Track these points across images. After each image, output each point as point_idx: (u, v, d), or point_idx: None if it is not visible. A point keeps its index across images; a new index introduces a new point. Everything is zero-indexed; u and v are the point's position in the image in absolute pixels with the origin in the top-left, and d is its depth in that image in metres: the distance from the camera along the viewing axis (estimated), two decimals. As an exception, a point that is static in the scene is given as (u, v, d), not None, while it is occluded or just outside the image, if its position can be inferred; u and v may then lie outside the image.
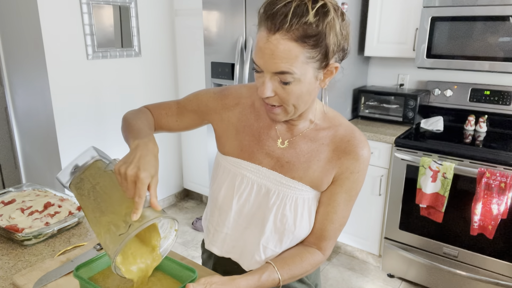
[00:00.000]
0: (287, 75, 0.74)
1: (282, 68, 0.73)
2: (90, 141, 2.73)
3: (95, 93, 2.71)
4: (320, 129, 0.90)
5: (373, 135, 2.31)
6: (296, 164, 0.89)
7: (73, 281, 0.92)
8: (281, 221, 0.91)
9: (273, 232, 0.92)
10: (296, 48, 0.71)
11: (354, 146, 0.88)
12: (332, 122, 0.91)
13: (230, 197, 0.95)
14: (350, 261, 2.64)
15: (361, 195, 2.45)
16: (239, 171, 0.94)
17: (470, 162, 1.99)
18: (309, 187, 0.90)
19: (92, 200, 0.79)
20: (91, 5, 2.55)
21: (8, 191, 1.36)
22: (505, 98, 2.30)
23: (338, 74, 0.84)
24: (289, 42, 0.71)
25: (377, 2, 2.43)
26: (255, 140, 0.93)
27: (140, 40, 2.92)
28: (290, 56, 0.72)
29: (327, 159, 0.89)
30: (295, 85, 0.76)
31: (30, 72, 2.56)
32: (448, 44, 2.17)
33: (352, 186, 0.90)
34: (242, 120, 0.95)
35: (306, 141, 0.90)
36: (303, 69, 0.74)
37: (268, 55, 0.73)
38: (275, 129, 0.92)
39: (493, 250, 2.02)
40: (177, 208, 3.43)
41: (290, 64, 0.72)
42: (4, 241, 1.14)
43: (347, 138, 0.88)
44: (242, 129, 0.94)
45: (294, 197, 0.90)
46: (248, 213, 0.94)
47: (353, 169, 0.88)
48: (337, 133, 0.90)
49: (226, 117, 0.96)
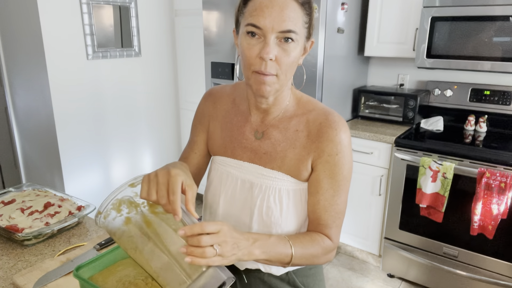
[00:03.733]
0: (292, 34, 0.77)
1: (290, 26, 0.76)
2: (90, 141, 2.73)
3: (95, 93, 2.71)
4: (293, 116, 0.89)
5: (373, 135, 2.31)
6: (273, 154, 0.89)
7: (73, 281, 0.92)
8: (266, 214, 0.90)
9: (260, 226, 0.91)
10: (300, 10, 0.78)
11: (326, 127, 0.86)
12: (306, 108, 0.90)
13: (218, 196, 0.96)
14: (350, 261, 2.64)
15: (361, 195, 2.45)
16: (225, 169, 0.95)
17: (470, 162, 1.99)
18: (289, 177, 0.89)
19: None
20: (91, 5, 2.55)
21: (8, 191, 1.36)
22: (505, 98, 2.30)
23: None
24: (295, 3, 0.77)
25: (377, 2, 2.43)
26: (235, 135, 0.94)
27: (140, 40, 2.92)
28: (296, 16, 0.77)
29: (302, 145, 0.87)
30: (294, 47, 0.79)
31: (30, 72, 2.56)
32: (448, 44, 2.17)
33: (334, 169, 0.86)
34: (225, 117, 0.97)
35: (280, 130, 0.89)
36: (302, 32, 0.80)
37: (276, 12, 0.75)
38: (250, 122, 0.93)
39: (493, 250, 2.02)
40: (177, 208, 3.43)
41: (295, 24, 0.77)
42: (4, 241, 1.14)
43: (318, 121, 0.87)
44: (225, 126, 0.96)
45: (277, 188, 0.89)
46: (236, 210, 0.94)
47: (330, 151, 0.85)
48: (309, 118, 0.88)
49: (216, 117, 0.99)
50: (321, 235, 0.89)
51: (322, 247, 0.88)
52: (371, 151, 2.35)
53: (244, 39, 0.79)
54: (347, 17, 2.40)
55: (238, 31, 0.84)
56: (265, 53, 0.76)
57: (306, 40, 0.83)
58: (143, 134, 3.10)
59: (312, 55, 2.22)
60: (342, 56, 2.47)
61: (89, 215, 1.29)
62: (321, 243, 0.88)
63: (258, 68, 0.78)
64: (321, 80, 2.28)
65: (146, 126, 3.09)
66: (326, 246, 0.89)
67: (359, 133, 2.36)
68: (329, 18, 2.22)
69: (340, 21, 2.35)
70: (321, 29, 2.18)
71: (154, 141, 3.19)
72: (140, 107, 3.04)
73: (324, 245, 0.88)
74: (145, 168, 3.18)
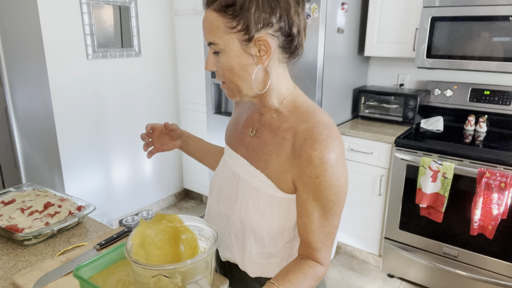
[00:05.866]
0: (213, 46, 0.80)
1: (209, 38, 0.79)
2: (90, 141, 2.73)
3: (95, 93, 2.71)
4: (284, 121, 0.85)
5: (373, 135, 2.31)
6: (259, 154, 0.88)
7: (73, 281, 0.92)
8: (244, 210, 0.89)
9: (237, 221, 0.91)
10: (218, 19, 0.77)
11: (307, 146, 0.78)
12: (300, 118, 0.83)
13: (214, 180, 1.01)
14: (350, 261, 2.64)
15: (361, 195, 2.45)
16: (225, 157, 1.00)
17: (470, 162, 1.99)
18: (270, 181, 0.85)
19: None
20: (91, 5, 2.55)
21: (8, 191, 1.36)
22: (505, 98, 2.30)
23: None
24: (213, 13, 0.78)
25: (377, 2, 2.43)
26: (235, 128, 0.99)
27: (140, 40, 2.92)
28: (213, 27, 0.78)
29: (286, 156, 0.82)
30: (222, 56, 0.80)
31: (30, 72, 2.56)
32: (448, 44, 2.17)
33: (318, 193, 0.79)
34: (240, 110, 1.03)
35: (269, 132, 0.88)
36: (225, 39, 0.78)
37: (204, 27, 0.80)
38: (250, 118, 0.95)
39: (493, 250, 2.02)
40: (177, 208, 3.43)
41: (213, 35, 0.79)
42: (4, 241, 1.14)
43: (303, 136, 0.79)
44: (237, 119, 1.02)
45: (257, 188, 0.87)
46: (225, 198, 0.97)
47: (310, 173, 0.78)
48: (298, 129, 0.81)
49: (235, 108, 1.07)
50: (312, 263, 0.85)
51: (315, 277, 0.84)
52: (371, 151, 2.35)
53: None
54: (347, 17, 2.40)
55: None
56: (205, 66, 0.85)
57: (246, 43, 0.78)
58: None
59: (312, 55, 2.22)
60: (342, 56, 2.47)
61: (89, 215, 1.29)
62: (313, 274, 0.84)
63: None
64: (321, 80, 2.28)
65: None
66: (318, 274, 0.85)
67: (359, 133, 2.36)
68: (329, 18, 2.22)
69: (340, 21, 2.35)
70: (321, 29, 2.18)
71: (154, 141, 3.19)
72: (140, 107, 3.04)
73: (316, 275, 0.84)
74: (145, 167, 3.18)
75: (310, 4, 2.16)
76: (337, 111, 2.52)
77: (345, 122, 2.64)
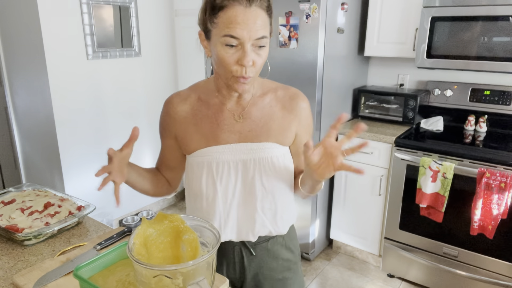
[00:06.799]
0: (265, 39, 0.88)
1: (263, 33, 0.87)
2: (90, 140, 2.73)
3: (95, 93, 2.71)
4: (263, 95, 1.03)
5: (373, 135, 2.31)
6: (257, 130, 1.01)
7: (73, 281, 0.92)
8: (268, 181, 1.02)
9: (265, 194, 1.02)
10: (265, 15, 0.88)
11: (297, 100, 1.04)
12: (269, 87, 1.05)
13: (213, 183, 1.01)
14: (350, 261, 2.64)
15: (361, 195, 2.45)
16: (213, 157, 1.00)
17: (470, 162, 1.99)
18: (276, 144, 1.02)
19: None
20: (91, 5, 2.55)
21: (8, 191, 1.36)
22: (505, 98, 2.30)
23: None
24: (263, 11, 0.87)
25: (377, 2, 2.43)
26: (214, 125, 1.01)
27: (140, 40, 2.92)
28: (265, 23, 0.88)
29: (280, 117, 1.02)
30: (266, 49, 0.90)
31: (30, 72, 2.56)
32: (448, 44, 2.17)
33: (310, 130, 1.08)
34: (196, 114, 1.03)
35: (257, 109, 1.01)
36: (269, 33, 0.91)
37: (251, 24, 0.85)
38: (226, 109, 1.01)
39: (493, 250, 2.02)
40: (177, 208, 3.43)
41: (265, 30, 0.88)
42: (4, 241, 1.14)
43: (288, 96, 1.04)
44: (199, 121, 1.02)
45: (269, 157, 1.01)
46: (234, 190, 1.02)
47: (306, 115, 1.06)
48: (278, 95, 1.04)
49: (182, 120, 1.04)
50: None
51: None
52: (371, 151, 2.35)
53: (222, 48, 0.87)
54: (347, 17, 2.40)
55: (208, 36, 0.91)
56: (246, 62, 0.87)
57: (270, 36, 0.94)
58: (143, 134, 3.10)
59: (312, 55, 2.22)
60: (342, 56, 2.47)
61: (89, 215, 1.29)
62: None
63: (240, 74, 0.89)
64: (321, 80, 2.28)
65: (146, 126, 3.09)
66: None
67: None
68: (329, 18, 2.22)
69: (340, 21, 2.35)
70: (321, 29, 2.18)
71: (154, 141, 3.19)
72: (140, 107, 3.04)
73: None
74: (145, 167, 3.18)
75: (310, 4, 2.16)
76: (337, 111, 2.52)
77: (345, 122, 2.64)
